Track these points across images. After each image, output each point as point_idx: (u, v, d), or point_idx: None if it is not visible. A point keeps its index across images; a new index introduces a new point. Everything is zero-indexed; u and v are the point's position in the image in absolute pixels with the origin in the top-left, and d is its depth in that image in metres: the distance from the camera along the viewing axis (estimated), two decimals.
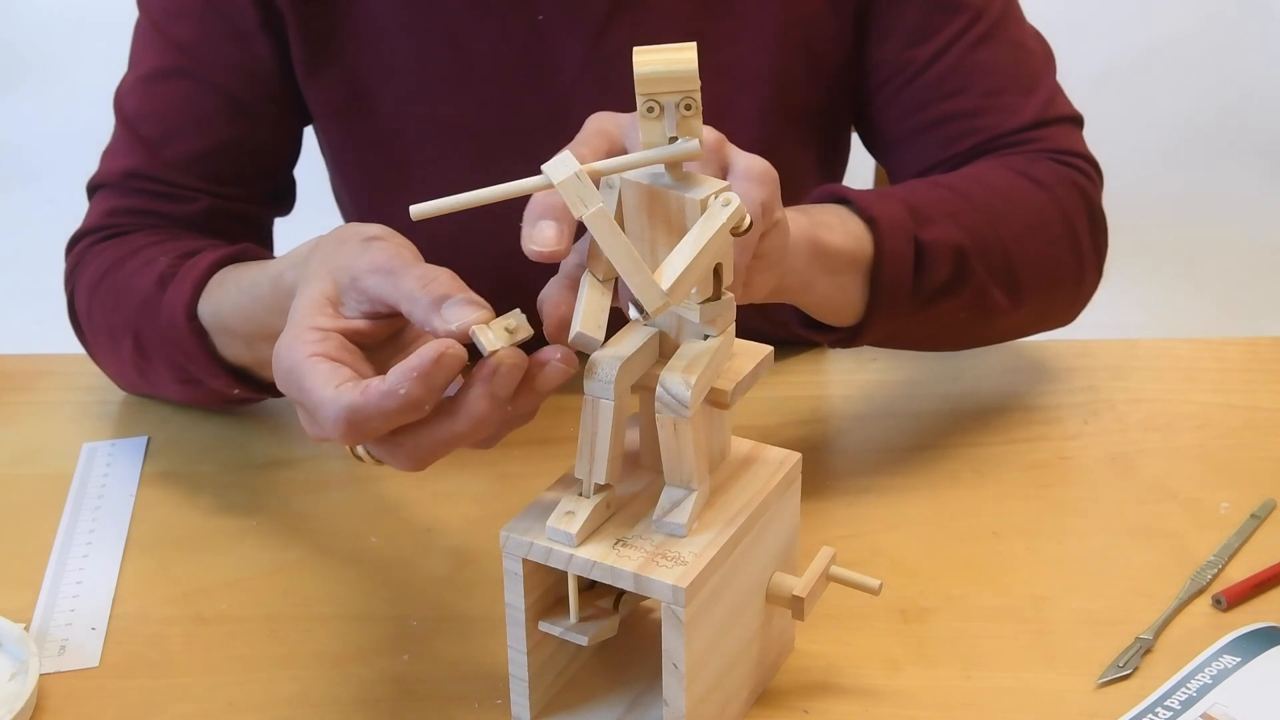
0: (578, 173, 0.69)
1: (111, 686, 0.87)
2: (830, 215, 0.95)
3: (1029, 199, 1.06)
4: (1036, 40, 1.14)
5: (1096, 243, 1.10)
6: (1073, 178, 1.08)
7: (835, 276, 0.94)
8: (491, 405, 0.72)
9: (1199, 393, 1.14)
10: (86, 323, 1.10)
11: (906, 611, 0.92)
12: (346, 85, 1.10)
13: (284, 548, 0.99)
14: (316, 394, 0.73)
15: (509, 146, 1.09)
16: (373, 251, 0.77)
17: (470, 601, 0.93)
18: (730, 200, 0.71)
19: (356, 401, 0.71)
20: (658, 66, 0.69)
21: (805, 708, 0.85)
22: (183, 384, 1.04)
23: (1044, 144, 1.09)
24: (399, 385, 0.70)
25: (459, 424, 0.72)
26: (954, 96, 1.09)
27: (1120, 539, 0.98)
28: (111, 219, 1.11)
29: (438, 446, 0.73)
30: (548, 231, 0.72)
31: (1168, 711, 0.82)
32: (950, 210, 1.01)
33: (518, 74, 1.08)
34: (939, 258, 0.98)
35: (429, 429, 0.73)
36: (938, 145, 1.10)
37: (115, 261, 1.07)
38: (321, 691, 0.87)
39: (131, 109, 1.12)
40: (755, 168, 0.78)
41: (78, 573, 0.97)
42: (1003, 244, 1.02)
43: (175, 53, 1.10)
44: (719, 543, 0.76)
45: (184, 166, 1.10)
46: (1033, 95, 1.11)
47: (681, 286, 0.70)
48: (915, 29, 1.09)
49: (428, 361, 0.70)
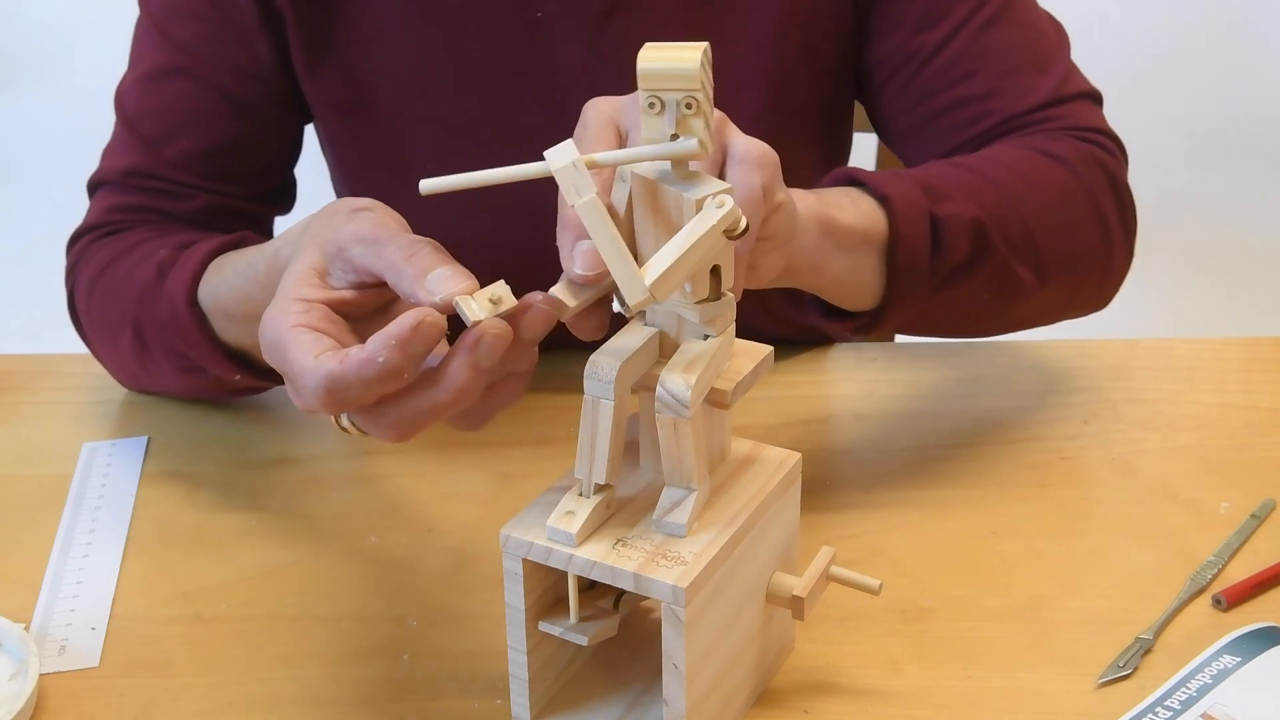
0: (575, 162, 0.69)
1: (111, 686, 0.88)
2: (842, 196, 0.94)
3: (1049, 175, 1.04)
4: (1049, 20, 1.12)
5: (1124, 219, 1.08)
6: (1094, 154, 1.06)
7: (848, 255, 0.93)
8: (474, 375, 0.71)
9: (1199, 393, 1.14)
10: (86, 318, 1.10)
11: (906, 611, 0.92)
12: (345, 83, 1.10)
13: (284, 548, 0.99)
14: (298, 363, 0.73)
15: (508, 144, 1.09)
16: (358, 221, 0.77)
17: (470, 601, 0.93)
18: (724, 203, 0.71)
19: (335, 370, 0.71)
20: (660, 64, 0.69)
21: (805, 708, 0.85)
22: (183, 373, 1.04)
23: (1062, 122, 1.07)
24: (377, 354, 0.70)
25: (440, 393, 0.72)
26: (965, 80, 1.08)
27: (1120, 539, 0.98)
28: (112, 216, 1.11)
29: (420, 417, 0.73)
30: (591, 258, 0.72)
31: (1168, 711, 0.82)
32: (966, 187, 0.99)
33: (516, 72, 1.08)
34: (957, 233, 0.97)
35: (411, 399, 0.72)
36: (952, 130, 1.09)
37: (115, 256, 1.08)
38: (321, 691, 0.87)
39: (132, 107, 1.12)
40: (754, 151, 0.77)
41: (78, 573, 0.97)
42: (1023, 220, 1.01)
43: (176, 51, 1.10)
44: (719, 543, 0.76)
45: (184, 165, 1.11)
46: (1047, 74, 1.09)
47: (665, 284, 0.70)
48: (922, 15, 1.08)
49: (406, 330, 0.70)
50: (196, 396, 1.13)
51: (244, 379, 1.01)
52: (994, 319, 1.07)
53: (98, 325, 1.09)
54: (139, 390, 1.15)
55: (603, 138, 0.76)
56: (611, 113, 0.78)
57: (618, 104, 0.78)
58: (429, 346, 0.71)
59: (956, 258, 0.97)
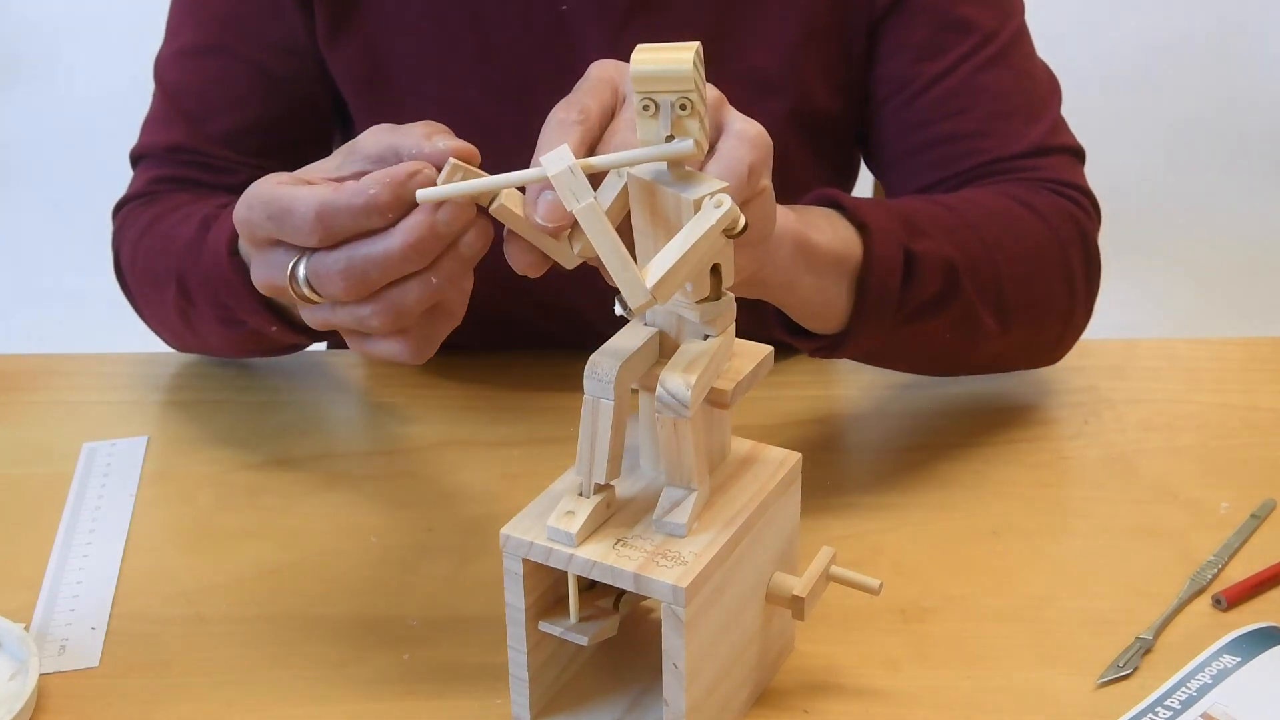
0: (571, 166, 0.69)
1: (111, 686, 0.87)
2: (820, 217, 0.94)
3: (1024, 225, 1.05)
4: (1044, 70, 1.14)
5: (1089, 278, 1.09)
6: (1070, 210, 1.08)
7: (820, 278, 0.93)
8: (429, 233, 0.73)
9: (1199, 393, 1.14)
10: (131, 276, 1.13)
11: (906, 611, 0.92)
12: (365, 57, 1.11)
13: (284, 548, 0.99)
14: (289, 197, 0.75)
15: (525, 133, 1.10)
16: (374, 128, 0.79)
17: (470, 601, 0.93)
18: (723, 201, 0.71)
19: (328, 195, 0.74)
20: (653, 65, 0.69)
21: (805, 708, 0.85)
22: (224, 325, 1.05)
23: (1044, 173, 1.09)
24: (369, 185, 0.73)
25: (394, 240, 0.74)
26: (957, 116, 1.09)
27: (1120, 539, 0.98)
28: (156, 186, 1.14)
29: (370, 266, 0.74)
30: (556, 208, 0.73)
31: (1168, 711, 0.82)
32: (944, 226, 1.00)
33: (537, 62, 1.09)
34: (929, 270, 0.97)
35: (365, 243, 0.74)
36: (937, 164, 1.10)
37: (159, 215, 1.10)
38: (321, 691, 0.87)
39: (173, 82, 1.15)
40: (749, 130, 0.77)
41: (78, 573, 0.97)
42: (995, 266, 1.02)
43: (214, 25, 1.12)
44: (719, 543, 0.76)
45: (225, 141, 1.13)
46: (1036, 123, 1.10)
47: (666, 285, 0.70)
48: (923, 46, 1.09)
49: (400, 172, 0.73)
50: (238, 354, 1.15)
51: (280, 331, 1.00)
52: (952, 360, 1.09)
53: (144, 282, 1.11)
54: (184, 350, 1.17)
55: (598, 93, 0.76)
56: (614, 73, 0.78)
57: (623, 71, 0.78)
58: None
59: (926, 294, 0.98)
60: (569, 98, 0.76)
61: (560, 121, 0.74)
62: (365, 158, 0.77)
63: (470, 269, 0.77)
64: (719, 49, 0.69)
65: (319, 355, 1.21)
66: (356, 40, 1.11)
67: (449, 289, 0.77)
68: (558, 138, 0.73)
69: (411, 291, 0.75)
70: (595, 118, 0.75)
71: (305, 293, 0.77)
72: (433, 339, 0.79)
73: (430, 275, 0.75)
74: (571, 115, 0.74)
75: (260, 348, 1.11)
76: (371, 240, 0.74)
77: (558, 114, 0.75)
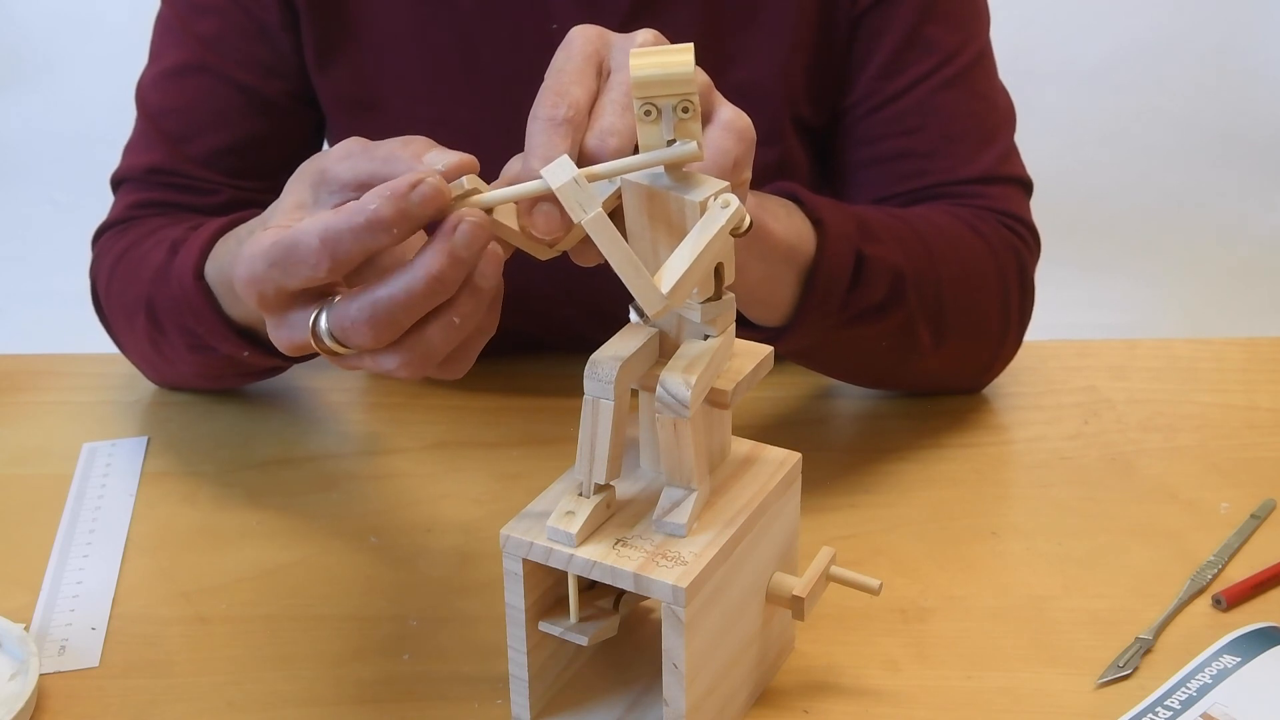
0: (576, 178, 0.69)
1: (111, 686, 0.88)
2: (779, 206, 0.94)
3: (971, 249, 1.06)
4: (1004, 96, 1.14)
5: (1023, 310, 1.10)
6: (1013, 242, 1.09)
7: (770, 266, 0.92)
8: (449, 262, 0.69)
9: (1199, 393, 1.14)
10: (107, 304, 1.11)
11: (906, 611, 0.92)
12: (354, 81, 1.10)
13: (284, 548, 0.99)
14: (288, 235, 0.71)
15: (515, 153, 1.10)
16: (339, 146, 0.76)
17: (470, 601, 0.93)
18: (729, 202, 0.71)
19: (329, 219, 0.70)
20: (653, 70, 0.69)
21: (805, 708, 0.85)
22: (195, 352, 1.04)
23: (990, 202, 1.09)
24: (369, 201, 0.69)
25: (415, 278, 0.70)
26: (911, 134, 1.09)
27: (1120, 539, 0.98)
28: (135, 211, 1.12)
29: (395, 308, 0.70)
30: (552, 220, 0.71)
31: (1168, 711, 0.82)
32: (897, 235, 1.01)
33: (528, 82, 1.08)
34: (877, 275, 0.98)
35: (385, 285, 0.70)
36: (888, 180, 1.10)
37: (133, 242, 1.09)
38: (321, 691, 0.87)
39: (154, 104, 1.13)
40: (737, 122, 0.76)
41: (78, 573, 0.97)
42: (939, 283, 1.02)
43: (198, 47, 1.11)
44: (719, 543, 0.76)
45: (206, 162, 1.11)
46: (988, 149, 1.11)
47: (681, 289, 0.70)
48: (886, 63, 1.09)
49: (402, 184, 0.69)
50: (212, 382, 1.13)
51: (253, 356, 0.99)
52: (882, 371, 1.09)
53: (117, 310, 1.09)
54: (162, 383, 1.15)
55: (584, 77, 0.74)
56: (599, 46, 0.76)
57: (606, 40, 0.76)
58: (425, 209, 0.69)
59: (871, 299, 0.98)
60: (554, 83, 0.73)
61: (549, 120, 0.72)
62: (344, 187, 0.74)
63: (488, 301, 0.73)
64: (710, 63, 0.68)
65: (318, 356, 1.21)
66: (346, 63, 1.10)
67: (469, 326, 0.73)
68: (549, 140, 0.71)
69: (435, 336, 0.72)
70: (584, 110, 0.73)
71: (330, 345, 0.74)
72: (468, 358, 0.76)
73: (452, 316, 0.72)
74: (560, 112, 0.72)
75: (234, 374, 1.09)
76: (390, 281, 0.70)
77: (545, 108, 0.73)
